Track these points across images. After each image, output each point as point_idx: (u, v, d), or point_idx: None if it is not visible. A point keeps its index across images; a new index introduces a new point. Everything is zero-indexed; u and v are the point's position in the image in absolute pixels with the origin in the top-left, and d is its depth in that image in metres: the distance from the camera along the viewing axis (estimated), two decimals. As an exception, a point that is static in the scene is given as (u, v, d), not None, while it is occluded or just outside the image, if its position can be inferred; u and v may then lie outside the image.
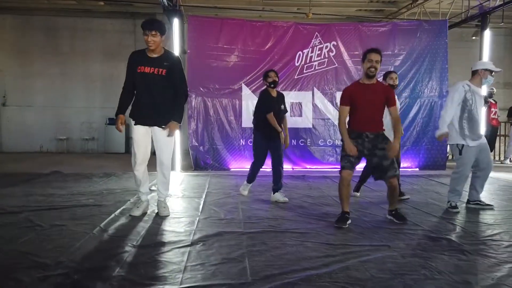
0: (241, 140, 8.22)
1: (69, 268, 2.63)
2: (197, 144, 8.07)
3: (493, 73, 4.74)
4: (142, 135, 4.01)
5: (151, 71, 3.88)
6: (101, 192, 5.36)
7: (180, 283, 2.45)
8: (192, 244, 3.24)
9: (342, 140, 4.16)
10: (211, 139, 8.12)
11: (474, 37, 10.44)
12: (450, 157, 9.11)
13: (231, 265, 2.81)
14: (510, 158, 10.12)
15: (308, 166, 8.47)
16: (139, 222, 3.88)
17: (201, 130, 8.11)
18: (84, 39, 11.82)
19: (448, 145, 4.93)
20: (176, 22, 7.79)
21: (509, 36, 12.86)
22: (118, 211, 4.28)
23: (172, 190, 5.78)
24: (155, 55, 3.97)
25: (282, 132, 5.09)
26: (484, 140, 4.82)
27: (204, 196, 5.34)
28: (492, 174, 7.70)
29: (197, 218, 4.12)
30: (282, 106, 5.19)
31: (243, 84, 8.19)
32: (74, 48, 11.83)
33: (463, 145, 4.66)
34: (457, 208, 4.70)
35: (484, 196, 5.43)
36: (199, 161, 8.05)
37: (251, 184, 5.51)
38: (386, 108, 4.18)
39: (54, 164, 8.30)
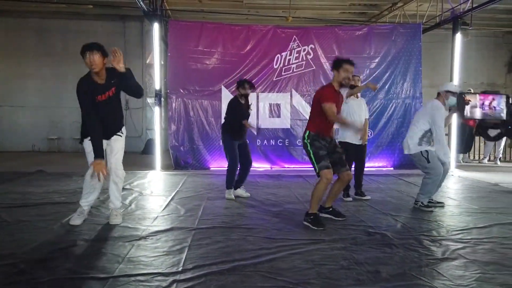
0: (221, 141, 8.47)
1: (19, 259, 2.93)
2: (177, 144, 8.36)
3: (456, 93, 4.97)
4: None
5: (104, 97, 3.82)
6: (75, 190, 5.64)
7: (113, 273, 2.74)
8: (141, 238, 3.54)
9: (313, 141, 4.13)
10: (191, 139, 8.40)
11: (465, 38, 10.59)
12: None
13: (169, 257, 3.10)
14: (488, 158, 10.35)
15: (286, 166, 8.74)
16: (99, 219, 4.17)
17: (182, 130, 8.39)
18: (75, 41, 11.95)
19: (411, 155, 5.00)
20: (156, 26, 8.07)
21: (492, 37, 13.08)
22: (85, 208, 4.57)
23: (145, 188, 6.09)
24: (103, 79, 3.83)
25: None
26: None
27: (173, 194, 5.63)
28: (461, 173, 8.01)
29: (157, 215, 4.41)
30: (251, 110, 5.71)
31: (222, 86, 8.47)
32: (66, 49, 12.12)
33: (427, 151, 4.82)
34: (430, 207, 4.90)
35: (442, 194, 5.71)
36: (179, 160, 8.35)
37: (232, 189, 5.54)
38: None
39: (42, 163, 8.60)
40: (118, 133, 4.07)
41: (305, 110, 8.73)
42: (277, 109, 8.76)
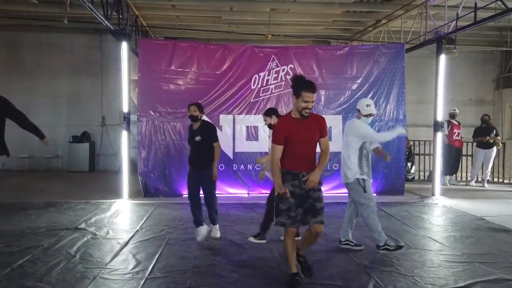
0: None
1: None
2: (147, 170, 7.86)
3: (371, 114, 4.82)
4: None
5: None
6: (22, 231, 5.13)
7: None
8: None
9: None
10: (162, 165, 7.91)
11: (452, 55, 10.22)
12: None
13: None
14: (476, 179, 9.97)
15: (263, 191, 8.27)
16: (28, 280, 3.66)
17: (153, 155, 7.90)
18: (49, 55, 11.67)
19: (345, 184, 4.77)
20: (124, 45, 7.61)
21: (481, 53, 12.77)
22: (19, 263, 4.04)
23: (102, 226, 5.58)
24: None
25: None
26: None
27: (130, 236, 5.14)
28: (446, 202, 7.62)
29: (98, 272, 3.90)
30: (198, 137, 5.04)
31: (196, 108, 8.01)
32: (39, 64, 11.68)
33: (365, 180, 4.60)
34: (398, 248, 4.55)
35: (424, 233, 5.29)
36: (149, 187, 7.85)
37: (200, 227, 5.00)
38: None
39: (5, 188, 8.02)
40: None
41: (284, 133, 8.31)
42: (255, 132, 8.31)
